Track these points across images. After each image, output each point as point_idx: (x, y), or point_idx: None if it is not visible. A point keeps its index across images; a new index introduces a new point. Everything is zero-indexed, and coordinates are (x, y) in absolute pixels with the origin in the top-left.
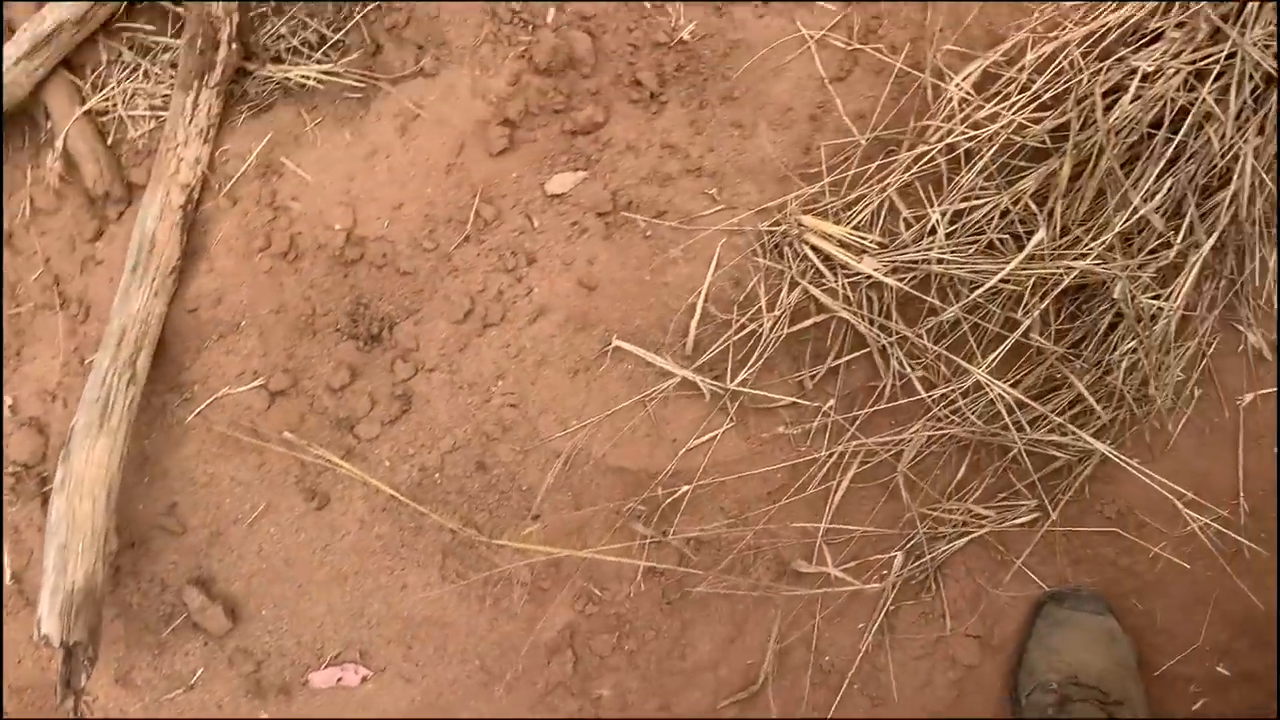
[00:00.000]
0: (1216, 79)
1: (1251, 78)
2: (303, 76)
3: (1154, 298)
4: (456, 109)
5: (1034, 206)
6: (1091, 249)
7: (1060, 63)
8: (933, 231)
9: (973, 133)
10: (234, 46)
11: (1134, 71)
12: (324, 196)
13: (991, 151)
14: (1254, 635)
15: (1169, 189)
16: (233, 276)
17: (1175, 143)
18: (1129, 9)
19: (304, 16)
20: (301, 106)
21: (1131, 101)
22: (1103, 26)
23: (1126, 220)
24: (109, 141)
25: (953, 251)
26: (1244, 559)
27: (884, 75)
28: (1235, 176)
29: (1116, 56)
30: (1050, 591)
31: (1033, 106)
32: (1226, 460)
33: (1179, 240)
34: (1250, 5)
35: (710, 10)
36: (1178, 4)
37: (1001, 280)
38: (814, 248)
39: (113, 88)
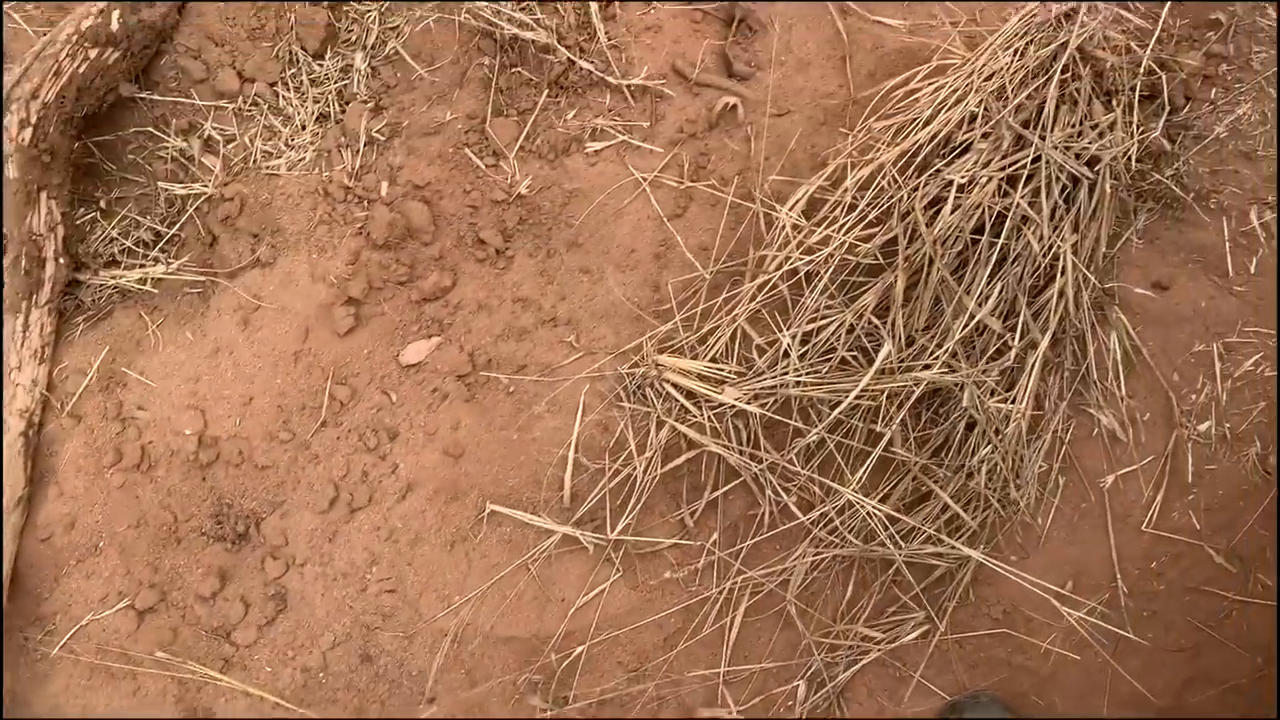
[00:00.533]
0: (1027, 182)
1: (1058, 179)
2: (138, 281)
3: (1002, 400)
4: (298, 295)
5: (876, 320)
6: (937, 357)
7: (880, 182)
8: (786, 355)
9: (809, 257)
10: (61, 261)
11: (950, 183)
12: (171, 402)
13: (830, 272)
14: (1154, 713)
15: (1000, 291)
16: (85, 497)
17: (999, 246)
18: (937, 124)
19: (136, 215)
20: (141, 308)
21: (952, 212)
22: (914, 144)
23: (965, 326)
24: None
25: (808, 373)
26: (1130, 641)
27: (719, 207)
28: (1059, 273)
29: (932, 170)
30: (950, 702)
31: (861, 225)
32: (1099, 543)
33: (1016, 340)
34: (1048, 110)
35: (544, 163)
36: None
37: (857, 396)
38: (675, 385)
39: None
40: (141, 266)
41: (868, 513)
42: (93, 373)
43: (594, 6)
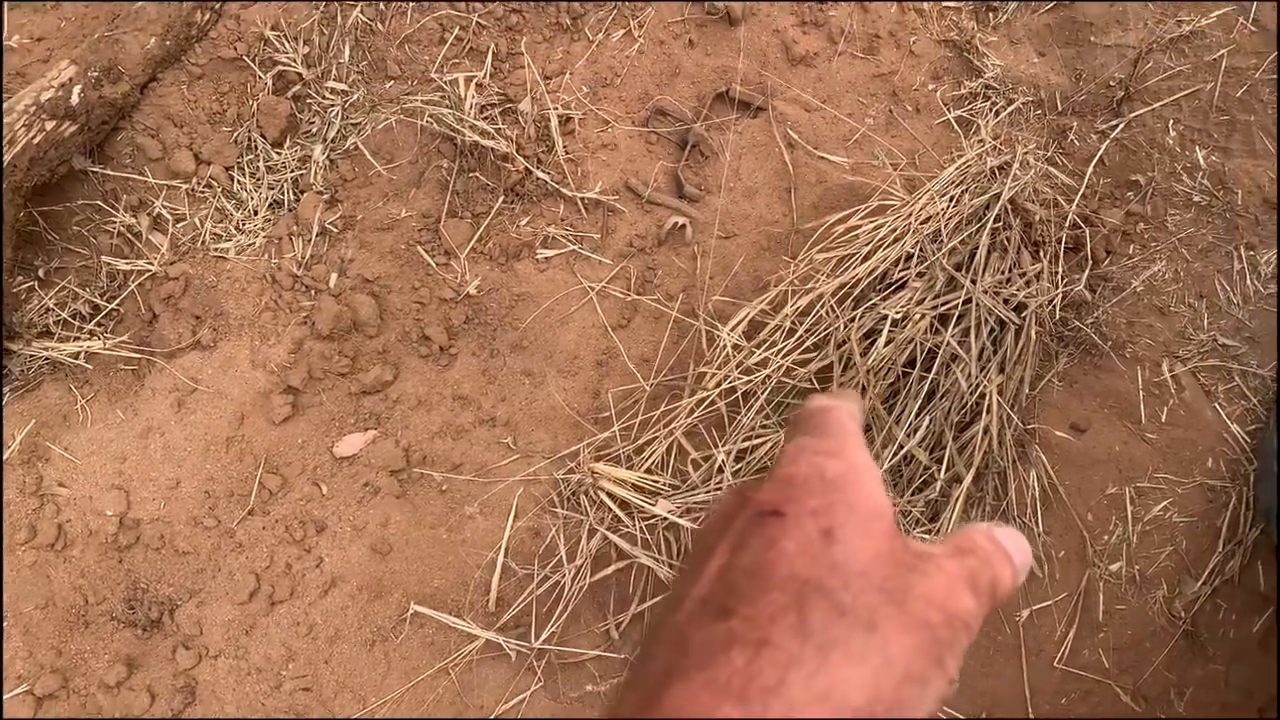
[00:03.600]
0: (958, 322)
1: (987, 321)
2: (72, 354)
3: (926, 531)
4: (236, 380)
5: None
6: None
7: (819, 310)
8: (721, 471)
9: (747, 377)
10: None
11: (884, 318)
12: (95, 480)
13: (766, 393)
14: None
15: (928, 424)
16: None
17: (929, 381)
18: (875, 261)
19: (75, 287)
20: (72, 382)
21: (885, 345)
22: (853, 278)
23: (894, 455)
24: None
25: None
26: None
27: (663, 321)
28: (984, 411)
29: (868, 304)
30: None
31: (799, 350)
32: (1013, 676)
33: (942, 473)
34: (979, 255)
35: (494, 266)
36: (916, 255)
37: None
38: (609, 494)
39: None
40: (76, 339)
41: None
42: (14, 445)
43: (554, 121)
